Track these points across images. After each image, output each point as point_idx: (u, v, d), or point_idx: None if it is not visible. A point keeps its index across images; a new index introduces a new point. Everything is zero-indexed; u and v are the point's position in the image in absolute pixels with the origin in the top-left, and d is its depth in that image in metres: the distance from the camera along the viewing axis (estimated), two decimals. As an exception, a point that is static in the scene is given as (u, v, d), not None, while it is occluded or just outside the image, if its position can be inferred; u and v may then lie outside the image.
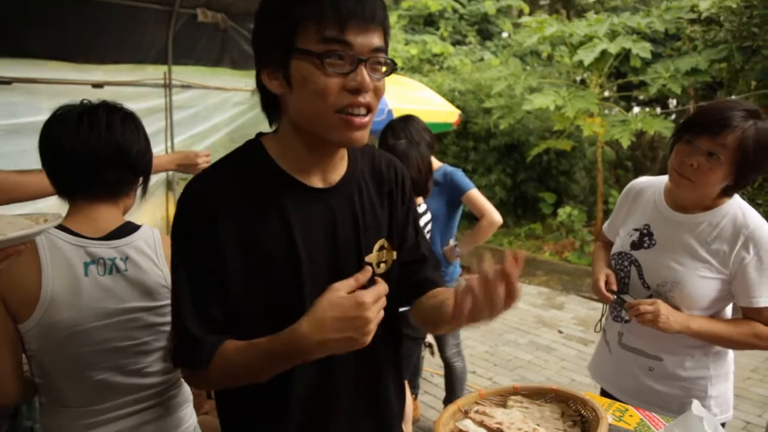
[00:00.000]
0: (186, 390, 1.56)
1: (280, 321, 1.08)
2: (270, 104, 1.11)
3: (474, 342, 4.86)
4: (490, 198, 9.31)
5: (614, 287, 1.78)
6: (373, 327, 0.93)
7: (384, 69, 1.04)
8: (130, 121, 1.41)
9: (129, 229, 1.43)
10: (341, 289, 0.95)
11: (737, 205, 1.67)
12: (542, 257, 7.58)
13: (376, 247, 1.20)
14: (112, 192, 1.41)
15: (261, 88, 1.09)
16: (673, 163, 1.65)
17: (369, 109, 1.03)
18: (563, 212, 7.93)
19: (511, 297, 0.96)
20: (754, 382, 4.17)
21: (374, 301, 0.93)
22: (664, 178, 1.80)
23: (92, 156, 1.35)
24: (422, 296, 1.32)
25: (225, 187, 1.08)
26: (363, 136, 1.06)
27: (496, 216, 3.01)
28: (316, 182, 1.12)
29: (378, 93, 1.04)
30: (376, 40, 1.01)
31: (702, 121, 1.60)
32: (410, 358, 2.91)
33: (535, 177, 8.90)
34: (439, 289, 1.32)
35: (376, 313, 0.93)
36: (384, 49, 1.03)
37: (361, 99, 1.01)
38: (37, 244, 1.29)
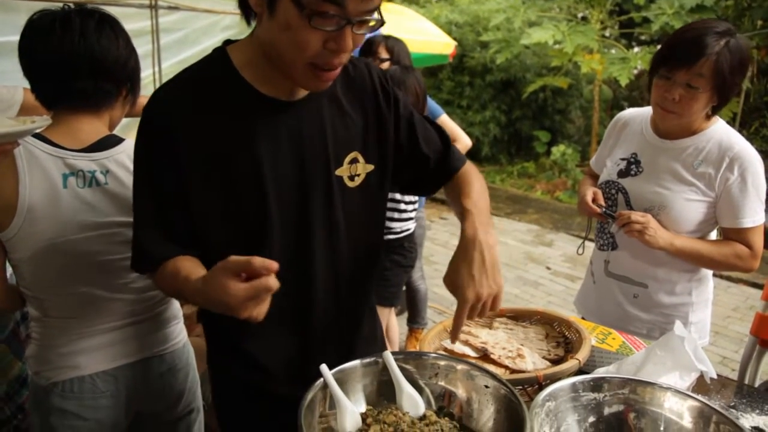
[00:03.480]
0: (175, 307, 1.57)
1: (243, 235, 1.10)
2: (247, 6, 1.03)
3: (463, 276, 4.93)
4: (483, 135, 9.13)
5: (602, 202, 1.78)
6: (247, 314, 0.87)
7: (372, 23, 0.98)
8: (107, 26, 1.34)
9: (111, 142, 1.39)
10: (229, 268, 0.87)
11: (722, 129, 1.68)
12: (534, 195, 7.60)
13: (347, 159, 1.17)
14: (93, 103, 1.36)
15: None
16: (655, 99, 1.66)
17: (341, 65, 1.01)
18: (557, 151, 7.90)
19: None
20: (733, 320, 4.29)
21: (248, 300, 0.85)
22: (650, 108, 1.79)
23: (65, 64, 1.29)
24: (450, 185, 1.31)
25: (186, 97, 1.05)
26: (327, 85, 1.04)
27: (467, 139, 3.19)
28: (282, 95, 1.09)
29: (356, 45, 0.99)
30: (374, 3, 0.94)
31: (675, 53, 1.59)
32: (399, 286, 2.95)
33: (530, 115, 8.80)
34: (459, 177, 1.30)
35: (249, 311, 0.87)
36: (377, 8, 0.96)
37: (337, 60, 0.99)
38: (14, 152, 1.26)
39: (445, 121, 3.15)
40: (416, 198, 3.08)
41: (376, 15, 0.97)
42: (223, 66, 1.07)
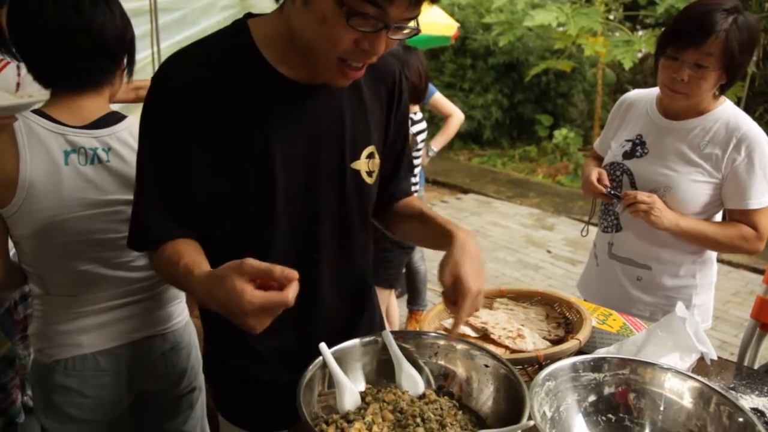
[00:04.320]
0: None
1: (248, 219, 1.07)
2: None
3: (463, 259, 4.93)
4: (485, 118, 9.07)
5: (607, 183, 1.76)
6: (253, 324, 0.84)
7: (406, 31, 0.94)
8: (101, 0, 1.30)
9: (113, 119, 1.37)
10: (245, 272, 0.82)
11: (730, 110, 1.66)
12: (535, 179, 7.58)
13: (365, 154, 1.14)
14: (94, 82, 1.34)
15: None
16: (663, 80, 1.63)
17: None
18: (559, 134, 7.85)
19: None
20: (733, 305, 4.30)
21: (260, 311, 0.82)
22: (656, 89, 1.78)
23: (63, 44, 1.26)
24: (394, 206, 1.29)
25: (200, 69, 1.01)
26: (350, 82, 1.02)
27: (460, 113, 3.37)
28: (302, 78, 1.05)
29: (387, 49, 0.96)
30: (416, 11, 0.91)
31: (682, 32, 1.56)
32: (399, 268, 2.96)
33: (533, 98, 8.73)
34: (411, 200, 1.30)
35: (257, 321, 0.84)
36: (416, 16, 0.93)
37: (367, 59, 0.96)
38: (14, 128, 1.24)
39: (439, 97, 3.25)
40: (417, 179, 3.08)
41: (413, 23, 0.93)
42: (243, 40, 1.03)
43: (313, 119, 1.06)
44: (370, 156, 1.15)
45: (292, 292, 0.82)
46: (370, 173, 1.16)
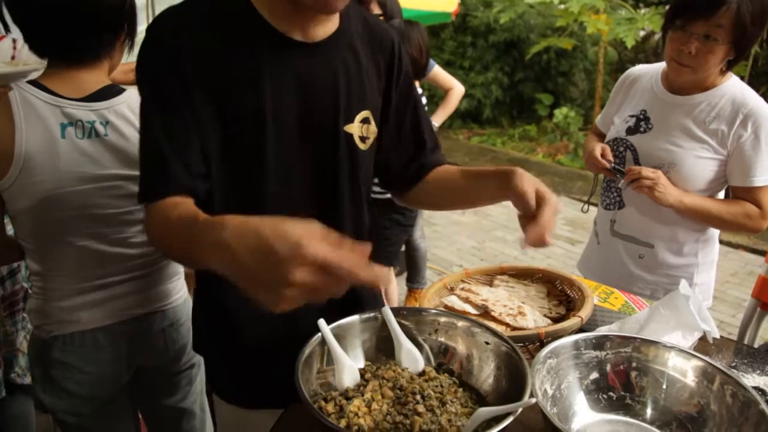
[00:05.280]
0: (175, 263, 1.55)
1: (239, 179, 1.04)
2: None
3: (462, 237, 4.93)
4: (485, 97, 8.99)
5: (610, 158, 1.74)
6: (290, 293, 0.64)
7: None
8: None
9: (112, 92, 1.34)
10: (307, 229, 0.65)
11: (736, 86, 1.64)
12: (535, 159, 7.55)
13: (359, 117, 1.12)
14: (92, 55, 1.31)
15: None
16: (670, 52, 1.60)
17: None
18: (559, 113, 7.80)
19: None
20: (732, 285, 4.30)
21: (321, 261, 0.64)
22: (660, 64, 1.75)
23: (58, 17, 1.23)
24: (426, 178, 1.27)
25: (196, 23, 0.99)
26: (342, 4, 0.97)
27: (461, 86, 3.34)
28: (297, 35, 1.03)
29: None
30: None
31: (692, 2, 1.52)
32: (398, 245, 2.95)
33: (533, 77, 8.66)
34: (447, 167, 1.27)
35: (303, 277, 0.64)
36: None
37: None
38: (10, 99, 1.22)
39: (438, 71, 3.22)
40: None
41: None
42: None
43: (307, 76, 1.04)
44: (365, 121, 1.13)
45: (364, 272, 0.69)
46: (363, 139, 1.13)
